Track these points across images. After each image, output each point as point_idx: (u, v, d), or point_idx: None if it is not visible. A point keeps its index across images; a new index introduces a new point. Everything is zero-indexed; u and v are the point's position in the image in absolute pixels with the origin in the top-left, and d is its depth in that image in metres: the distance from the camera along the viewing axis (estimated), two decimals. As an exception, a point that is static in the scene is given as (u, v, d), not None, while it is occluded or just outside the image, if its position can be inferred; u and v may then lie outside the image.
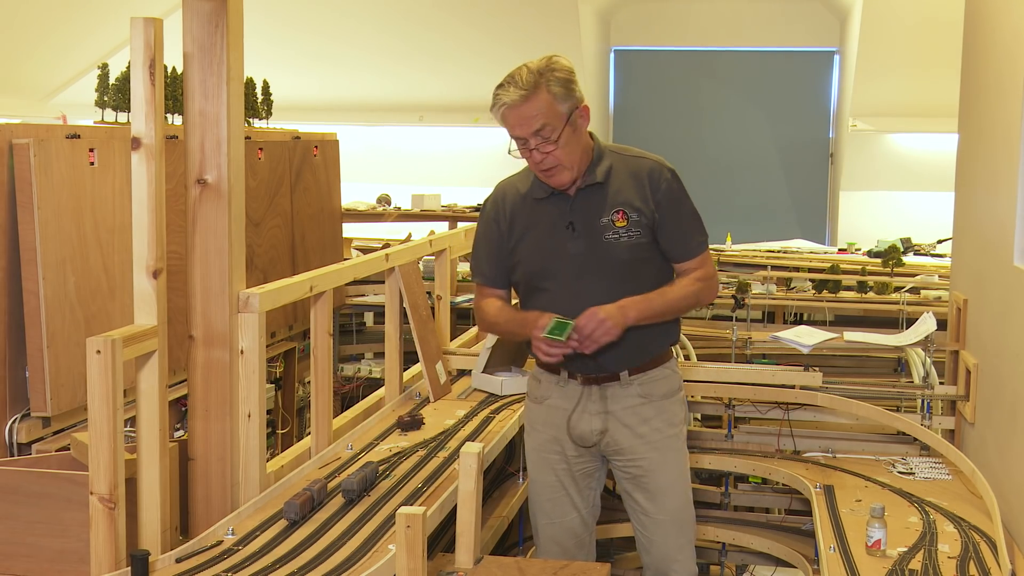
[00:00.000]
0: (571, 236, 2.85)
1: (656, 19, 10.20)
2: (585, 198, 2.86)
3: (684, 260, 2.90)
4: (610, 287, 2.82)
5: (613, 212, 2.83)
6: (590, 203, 2.85)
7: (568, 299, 2.83)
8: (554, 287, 2.88)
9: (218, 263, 2.76)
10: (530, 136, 2.75)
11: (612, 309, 2.76)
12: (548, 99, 2.72)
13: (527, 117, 2.73)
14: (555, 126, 2.74)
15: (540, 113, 2.72)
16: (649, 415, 2.93)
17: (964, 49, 4.27)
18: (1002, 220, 3.37)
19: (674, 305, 2.89)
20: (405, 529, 2.25)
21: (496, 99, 2.75)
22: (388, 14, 8.82)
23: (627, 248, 2.83)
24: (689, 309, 2.97)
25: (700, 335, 5.39)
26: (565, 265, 2.86)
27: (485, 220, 3.00)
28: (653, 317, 2.84)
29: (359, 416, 3.62)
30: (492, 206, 2.99)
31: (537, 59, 2.78)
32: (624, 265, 2.84)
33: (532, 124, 2.73)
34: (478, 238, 3.03)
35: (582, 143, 2.82)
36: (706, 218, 2.96)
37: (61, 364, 3.27)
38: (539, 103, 2.72)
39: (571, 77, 2.78)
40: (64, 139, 3.34)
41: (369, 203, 7.08)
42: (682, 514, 2.98)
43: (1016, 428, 3.20)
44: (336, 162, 5.52)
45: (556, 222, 2.87)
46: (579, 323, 2.75)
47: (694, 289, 2.89)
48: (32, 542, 2.69)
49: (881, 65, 8.43)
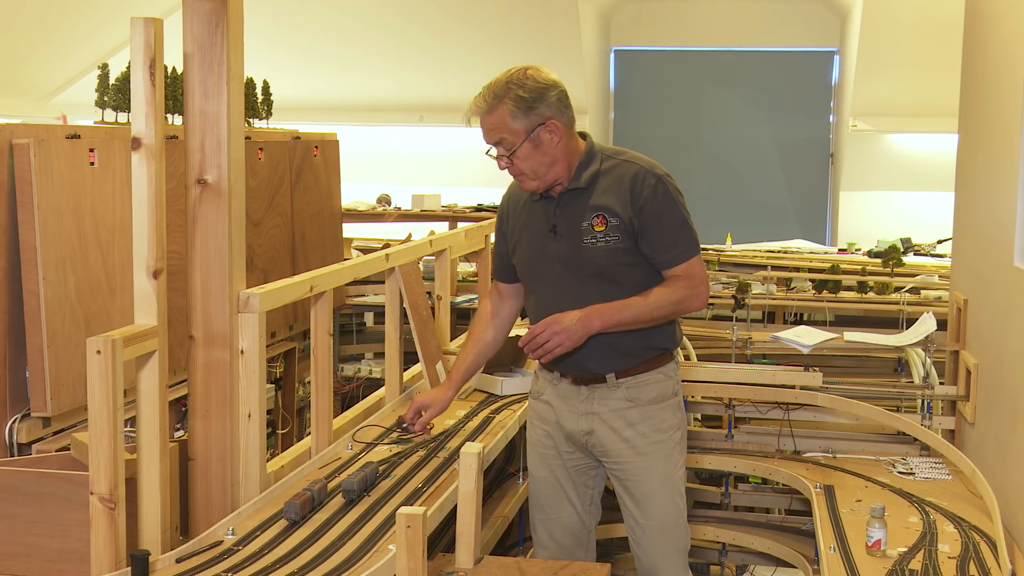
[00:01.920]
0: (554, 239, 2.90)
1: (656, 19, 10.20)
2: (568, 202, 2.89)
3: (667, 267, 2.85)
4: (590, 291, 2.84)
5: (593, 216, 2.84)
6: (573, 207, 2.88)
7: (552, 300, 2.88)
8: (541, 288, 2.95)
9: (218, 263, 2.76)
10: (493, 145, 2.86)
11: (575, 317, 2.78)
12: (504, 115, 2.80)
13: (487, 129, 2.85)
14: (512, 141, 2.82)
15: (496, 128, 2.83)
16: (635, 419, 2.92)
17: (964, 49, 4.27)
18: (1002, 220, 3.37)
19: (646, 313, 2.81)
20: (405, 529, 2.25)
21: (467, 108, 2.87)
22: (388, 14, 8.82)
23: (604, 253, 2.83)
24: (668, 317, 2.88)
25: (700, 335, 5.39)
26: (550, 267, 2.91)
27: (497, 216, 3.14)
28: (621, 325, 2.81)
29: (359, 416, 3.62)
30: (501, 202, 3.13)
31: (517, 67, 2.84)
32: (603, 269, 2.84)
33: (491, 136, 2.86)
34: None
35: (553, 155, 2.84)
36: (706, 218, 2.96)
37: (61, 364, 3.27)
38: (496, 118, 2.82)
39: (539, 94, 2.80)
40: (64, 139, 3.34)
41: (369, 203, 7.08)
42: (669, 521, 2.95)
43: (1016, 428, 3.20)
44: (336, 162, 5.52)
45: (543, 224, 2.93)
46: (533, 330, 2.79)
47: (674, 297, 2.82)
48: (32, 542, 2.69)
49: (881, 65, 8.43)
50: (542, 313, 2.89)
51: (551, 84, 2.83)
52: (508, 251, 3.05)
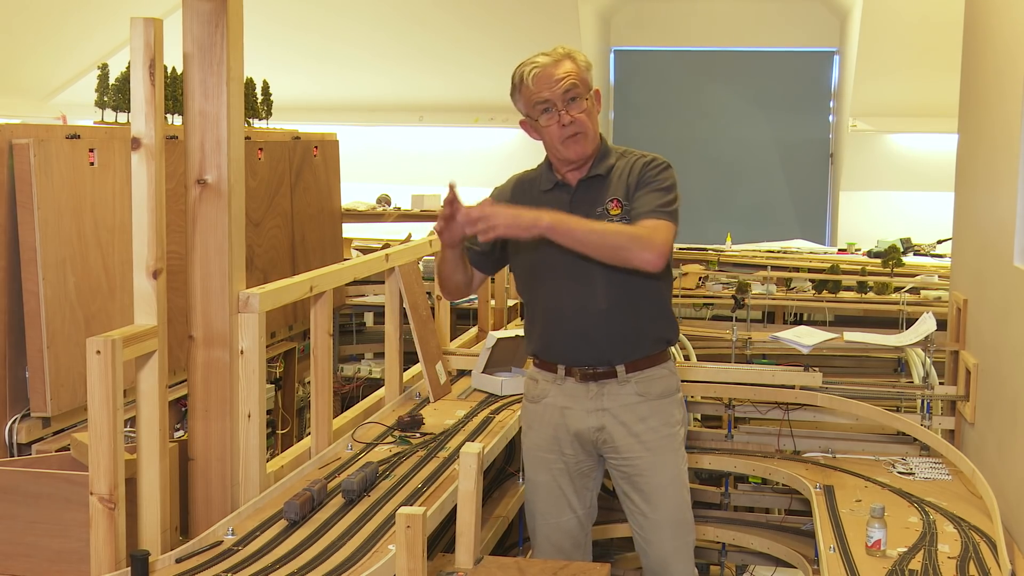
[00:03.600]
0: None
1: (656, 19, 10.20)
2: (586, 189, 2.92)
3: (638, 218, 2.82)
4: (605, 274, 2.84)
5: (609, 201, 2.89)
6: (590, 195, 2.91)
7: (562, 288, 2.90)
8: (551, 277, 2.93)
9: (218, 263, 2.76)
10: (558, 98, 2.85)
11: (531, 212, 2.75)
12: (578, 66, 2.88)
13: (557, 78, 2.86)
14: (583, 89, 2.87)
15: (570, 73, 2.86)
16: (645, 414, 2.94)
17: (964, 49, 4.27)
18: (1002, 220, 3.37)
19: (596, 235, 2.75)
20: (405, 529, 2.25)
21: (522, 67, 2.89)
22: (388, 14, 8.82)
23: None
24: (614, 252, 2.76)
25: (700, 335, 5.39)
26: (564, 254, 2.87)
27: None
28: (570, 232, 2.73)
29: (359, 416, 3.62)
30: (498, 193, 3.06)
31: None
32: None
33: (562, 84, 2.85)
34: None
35: (597, 126, 2.93)
36: (706, 218, 2.98)
37: (61, 364, 3.27)
38: (569, 66, 2.88)
39: (589, 64, 2.94)
40: (64, 139, 3.34)
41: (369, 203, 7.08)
42: (678, 516, 2.98)
43: (1016, 428, 3.20)
44: (336, 162, 5.52)
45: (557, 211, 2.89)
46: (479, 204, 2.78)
47: (629, 234, 2.76)
48: (32, 542, 2.69)
49: (881, 65, 8.42)
50: (551, 302, 2.92)
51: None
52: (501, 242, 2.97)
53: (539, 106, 2.87)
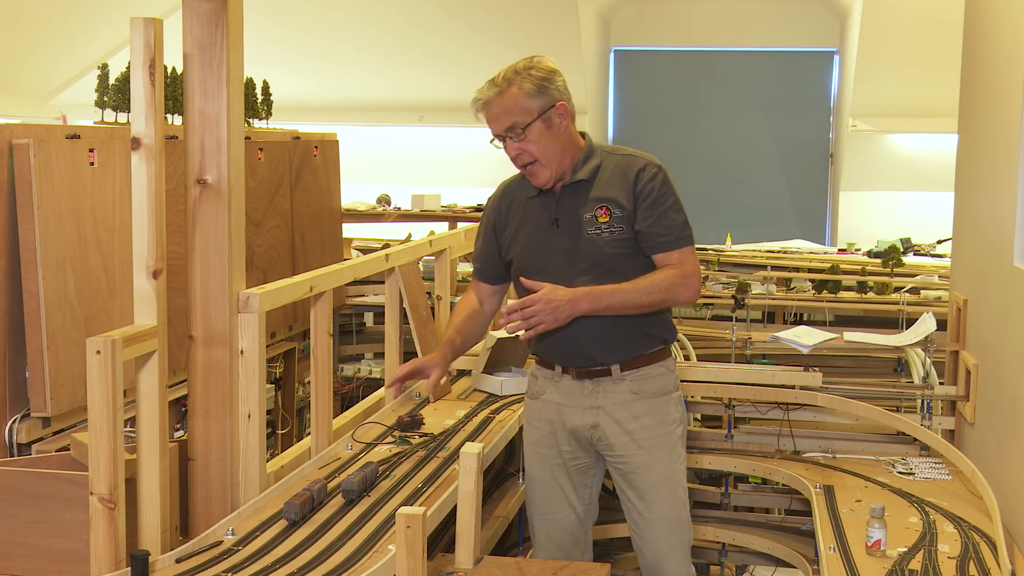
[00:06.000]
0: (556, 232, 2.91)
1: (656, 19, 10.20)
2: (570, 195, 2.92)
3: (658, 252, 2.86)
4: (594, 282, 2.85)
5: (596, 208, 2.87)
6: (575, 200, 2.91)
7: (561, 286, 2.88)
8: (547, 276, 2.91)
9: (218, 263, 2.76)
10: (503, 132, 2.86)
11: (565, 295, 2.78)
12: (517, 95, 2.82)
13: (498, 114, 2.85)
14: (523, 121, 2.83)
15: (508, 110, 2.83)
16: (640, 412, 2.94)
17: (964, 49, 4.27)
18: (1002, 220, 3.37)
19: (635, 299, 2.81)
20: (405, 529, 2.25)
21: (473, 98, 2.88)
22: (388, 14, 8.82)
23: (609, 243, 2.86)
24: (657, 306, 2.87)
25: (700, 335, 5.39)
26: (552, 261, 2.91)
27: (483, 216, 3.13)
28: (610, 309, 2.81)
29: (359, 416, 3.62)
30: (489, 203, 3.12)
31: (522, 59, 2.89)
32: (607, 260, 2.86)
33: (502, 121, 2.85)
34: (477, 233, 3.16)
35: (562, 141, 2.88)
36: (706, 218, 2.97)
37: (61, 364, 3.27)
38: (509, 99, 2.83)
39: (549, 76, 2.86)
40: (64, 139, 3.34)
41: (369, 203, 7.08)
42: (673, 514, 2.98)
43: (1016, 428, 3.20)
44: (336, 162, 5.52)
45: (543, 219, 2.94)
46: (529, 299, 2.78)
47: (664, 284, 2.82)
48: (32, 542, 2.69)
49: (881, 65, 8.43)
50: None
51: (557, 70, 2.90)
52: (499, 252, 3.05)
53: (495, 136, 2.90)
